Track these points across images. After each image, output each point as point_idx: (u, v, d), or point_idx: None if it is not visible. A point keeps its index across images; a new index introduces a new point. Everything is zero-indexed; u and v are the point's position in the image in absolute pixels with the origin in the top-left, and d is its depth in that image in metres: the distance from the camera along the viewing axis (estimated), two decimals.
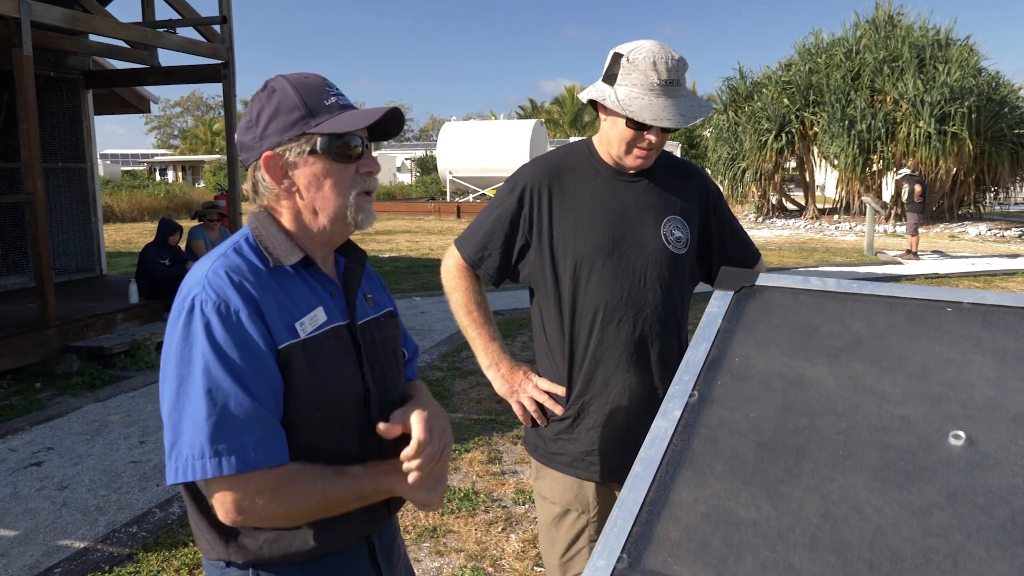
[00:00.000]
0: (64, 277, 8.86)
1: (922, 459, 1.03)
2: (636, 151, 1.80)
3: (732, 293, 1.39)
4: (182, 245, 8.05)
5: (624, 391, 1.83)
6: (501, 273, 1.94)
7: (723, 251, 1.99)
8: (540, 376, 1.93)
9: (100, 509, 3.79)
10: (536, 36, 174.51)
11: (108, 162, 45.74)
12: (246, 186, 1.30)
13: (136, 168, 47.19)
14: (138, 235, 19.00)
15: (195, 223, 8.36)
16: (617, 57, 1.77)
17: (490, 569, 3.19)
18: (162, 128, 72.72)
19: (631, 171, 1.86)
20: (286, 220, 1.29)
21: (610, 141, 1.83)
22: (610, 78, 1.78)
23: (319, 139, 1.23)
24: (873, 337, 1.25)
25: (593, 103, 1.87)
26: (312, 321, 1.24)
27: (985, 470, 0.99)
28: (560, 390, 1.88)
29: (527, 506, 3.77)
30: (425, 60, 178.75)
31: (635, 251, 1.82)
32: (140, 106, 10.15)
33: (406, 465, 1.26)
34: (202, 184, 39.56)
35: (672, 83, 1.72)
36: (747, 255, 2.03)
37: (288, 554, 1.23)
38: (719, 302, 1.38)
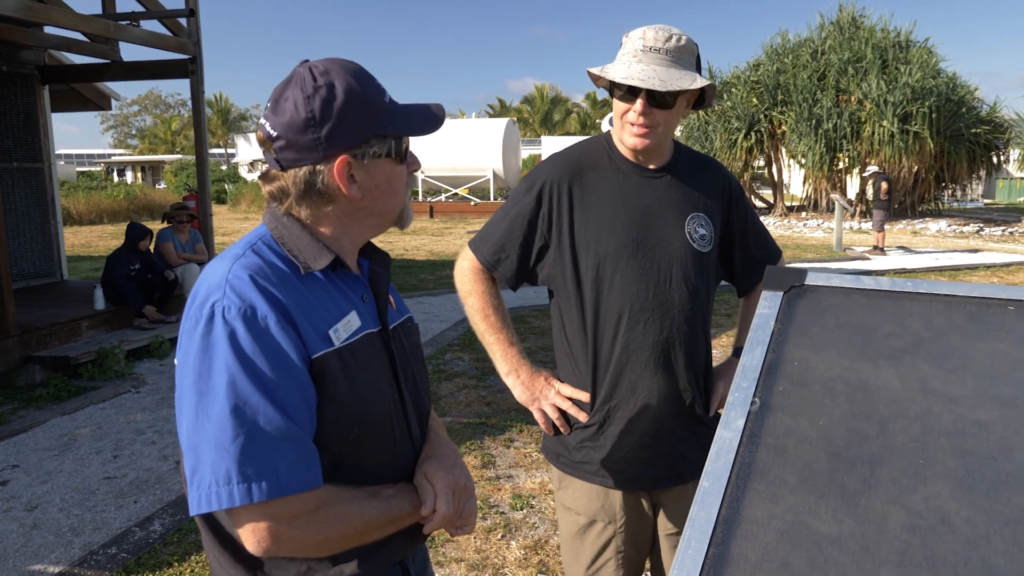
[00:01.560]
0: (22, 283, 8.50)
1: (1005, 465, 0.98)
2: (628, 127, 1.74)
3: (782, 293, 1.33)
4: (152, 248, 7.81)
5: (652, 395, 1.76)
6: (519, 275, 1.87)
7: (745, 248, 1.94)
8: (561, 381, 1.85)
9: (74, 530, 3.59)
10: (502, 35, 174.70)
11: (62, 162, 44.56)
12: (278, 187, 1.14)
13: (92, 168, 46.02)
14: (97, 238, 18.47)
15: (163, 225, 8.11)
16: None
17: None
18: (119, 127, 70.95)
19: (633, 150, 1.78)
20: (328, 222, 1.17)
21: (615, 127, 1.78)
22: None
23: (393, 142, 1.14)
24: (934, 338, 1.20)
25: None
26: (346, 327, 1.14)
27: None
28: (584, 396, 1.80)
29: (525, 511, 3.69)
30: (391, 58, 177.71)
31: (660, 249, 1.76)
32: (100, 103, 9.82)
33: (425, 528, 1.20)
34: (163, 185, 38.72)
35: (656, 50, 1.67)
36: (769, 252, 1.99)
37: None
38: (769, 303, 1.32)
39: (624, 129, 1.74)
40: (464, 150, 25.34)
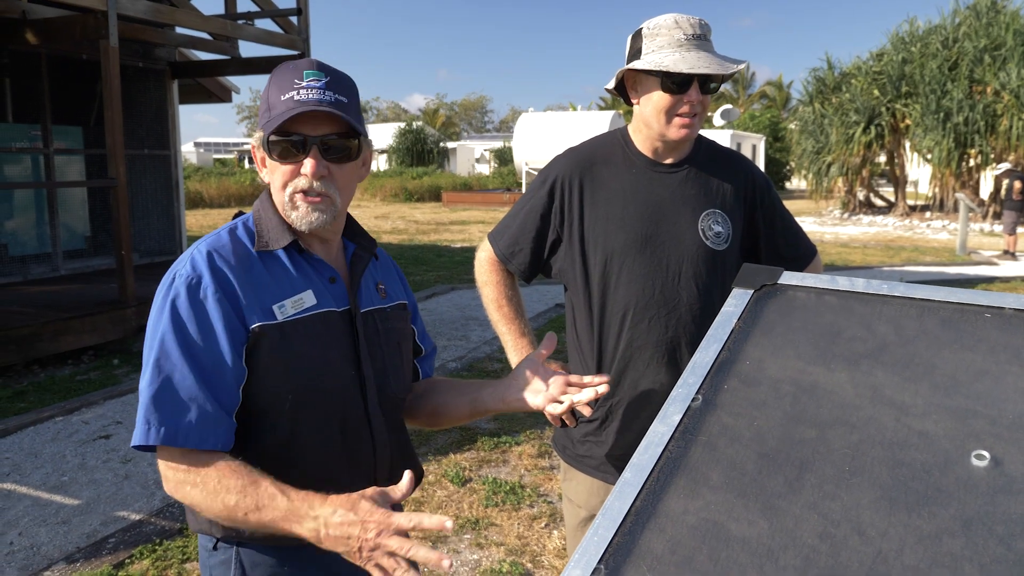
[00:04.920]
0: (147, 259, 9.31)
1: (938, 479, 0.94)
2: (678, 119, 1.70)
3: (751, 292, 1.31)
4: None
5: (655, 394, 1.75)
6: (532, 268, 1.90)
7: (772, 247, 1.88)
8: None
9: (158, 483, 3.89)
10: (616, 28, 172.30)
11: (201, 150, 47.79)
12: None
13: (226, 156, 49.15)
14: (223, 220, 19.70)
15: None
16: (637, 34, 1.72)
17: (529, 565, 3.16)
18: (252, 118, 75.49)
19: (674, 143, 1.76)
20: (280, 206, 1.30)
21: (648, 120, 1.75)
22: (635, 54, 1.72)
23: (263, 137, 1.23)
24: (900, 343, 1.15)
25: (622, 93, 1.80)
26: (295, 304, 1.23)
27: (1009, 496, 0.89)
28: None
29: None
30: (505, 52, 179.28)
31: (669, 246, 1.74)
32: (222, 96, 10.53)
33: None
34: None
35: (699, 37, 1.66)
36: (800, 251, 1.91)
37: (263, 537, 1.21)
38: (736, 301, 1.30)
39: (670, 123, 1.71)
40: (568, 143, 24.96)
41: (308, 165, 1.21)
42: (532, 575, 3.10)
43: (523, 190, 25.91)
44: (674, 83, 1.66)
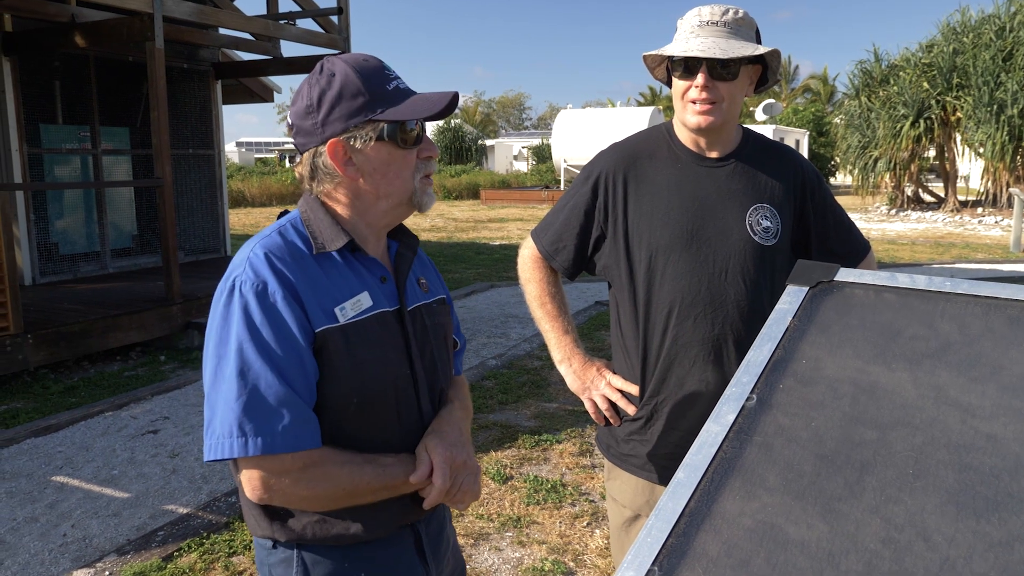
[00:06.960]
0: (192, 257, 9.50)
1: (1008, 484, 0.90)
2: (690, 106, 1.69)
3: (807, 289, 1.28)
4: None
5: (700, 392, 1.72)
6: (576, 265, 1.88)
7: (824, 243, 1.83)
8: (615, 373, 1.85)
9: (205, 478, 4.02)
10: (654, 22, 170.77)
11: (243, 150, 48.63)
12: (300, 171, 1.28)
13: (267, 155, 49.93)
14: (265, 219, 20.12)
15: None
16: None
17: (571, 564, 3.14)
18: None
19: (696, 130, 1.73)
20: (342, 205, 1.27)
21: (675, 108, 1.76)
22: None
23: (385, 126, 1.21)
24: (964, 342, 1.11)
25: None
26: (355, 306, 1.23)
27: None
28: (633, 389, 1.80)
29: None
30: (543, 48, 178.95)
31: (716, 242, 1.71)
32: (264, 95, 10.70)
33: (425, 502, 1.25)
34: None
35: (713, 24, 1.65)
36: (853, 248, 1.87)
37: (330, 537, 1.24)
38: (791, 298, 1.27)
39: (686, 109, 1.71)
40: (607, 139, 24.84)
41: (432, 147, 1.27)
42: (575, 574, 3.09)
43: (562, 187, 25.88)
44: (679, 68, 1.68)
